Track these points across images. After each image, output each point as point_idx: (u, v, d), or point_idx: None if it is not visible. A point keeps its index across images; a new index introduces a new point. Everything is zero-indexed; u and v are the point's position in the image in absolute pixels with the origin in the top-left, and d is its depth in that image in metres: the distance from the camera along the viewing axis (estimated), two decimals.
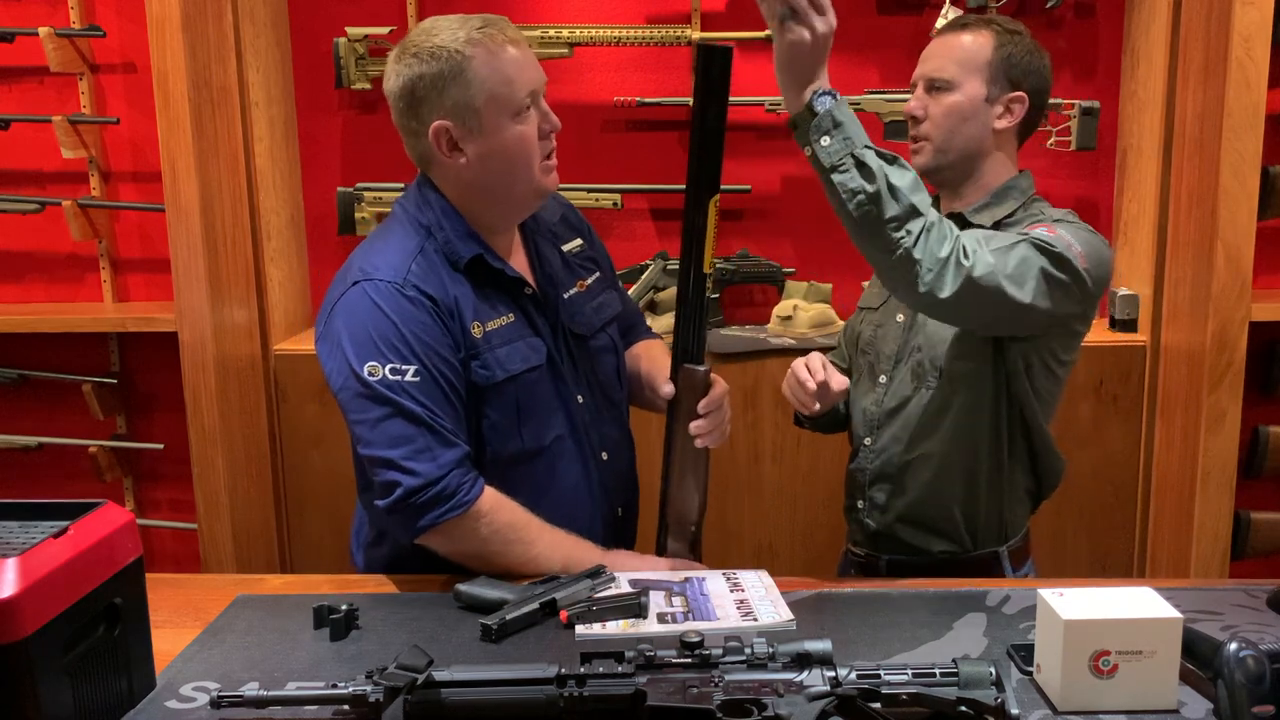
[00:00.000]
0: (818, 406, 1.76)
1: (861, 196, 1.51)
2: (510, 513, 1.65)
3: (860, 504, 1.94)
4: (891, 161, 1.53)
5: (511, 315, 1.70)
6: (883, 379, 1.90)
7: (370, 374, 1.58)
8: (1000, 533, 1.88)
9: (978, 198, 1.84)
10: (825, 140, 1.50)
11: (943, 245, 1.55)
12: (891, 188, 1.51)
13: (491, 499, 1.63)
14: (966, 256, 1.57)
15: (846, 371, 2.04)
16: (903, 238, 1.53)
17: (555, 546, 1.67)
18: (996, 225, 1.81)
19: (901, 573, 1.86)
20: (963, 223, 1.81)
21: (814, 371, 1.72)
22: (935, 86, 1.80)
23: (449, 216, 1.69)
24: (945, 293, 1.56)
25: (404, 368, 1.58)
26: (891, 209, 1.52)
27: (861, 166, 1.51)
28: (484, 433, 1.70)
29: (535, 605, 1.56)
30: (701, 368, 1.71)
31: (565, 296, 1.78)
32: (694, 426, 1.71)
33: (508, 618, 1.53)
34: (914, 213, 1.53)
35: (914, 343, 1.84)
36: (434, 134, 1.64)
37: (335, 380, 1.63)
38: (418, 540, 1.63)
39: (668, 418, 1.74)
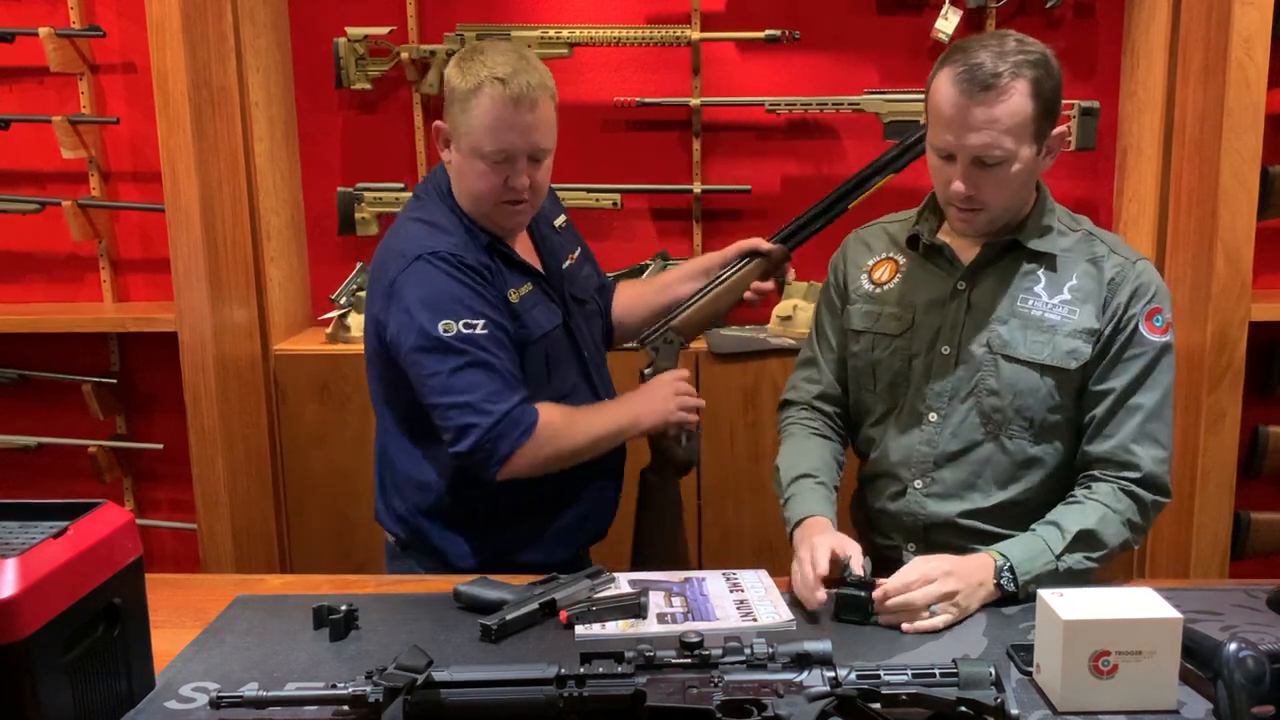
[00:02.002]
0: (821, 595, 1.58)
1: (1089, 565, 1.66)
2: (557, 412, 1.84)
3: (911, 547, 1.79)
4: (1076, 541, 1.64)
5: (530, 285, 1.90)
6: (933, 417, 1.76)
7: (445, 330, 1.75)
8: None
9: (1018, 225, 1.75)
10: (1033, 587, 1.57)
11: (1145, 512, 1.72)
12: (1103, 557, 1.68)
13: (544, 412, 1.81)
14: (1159, 472, 1.72)
15: (833, 397, 1.90)
16: (1129, 541, 1.71)
17: (599, 416, 1.89)
18: (1064, 252, 1.74)
19: None
20: (1014, 246, 1.74)
21: (818, 568, 1.59)
22: (986, 164, 1.63)
23: (458, 212, 1.87)
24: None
25: (474, 322, 1.77)
26: (1111, 549, 1.68)
27: (1068, 572, 1.64)
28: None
29: (535, 605, 1.57)
30: (788, 249, 2.06)
31: (564, 268, 1.98)
32: (758, 286, 2.04)
33: (508, 618, 1.54)
34: (1113, 534, 1.67)
35: (982, 384, 1.73)
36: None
37: (407, 340, 1.78)
38: (500, 473, 1.77)
39: (744, 259, 2.05)
